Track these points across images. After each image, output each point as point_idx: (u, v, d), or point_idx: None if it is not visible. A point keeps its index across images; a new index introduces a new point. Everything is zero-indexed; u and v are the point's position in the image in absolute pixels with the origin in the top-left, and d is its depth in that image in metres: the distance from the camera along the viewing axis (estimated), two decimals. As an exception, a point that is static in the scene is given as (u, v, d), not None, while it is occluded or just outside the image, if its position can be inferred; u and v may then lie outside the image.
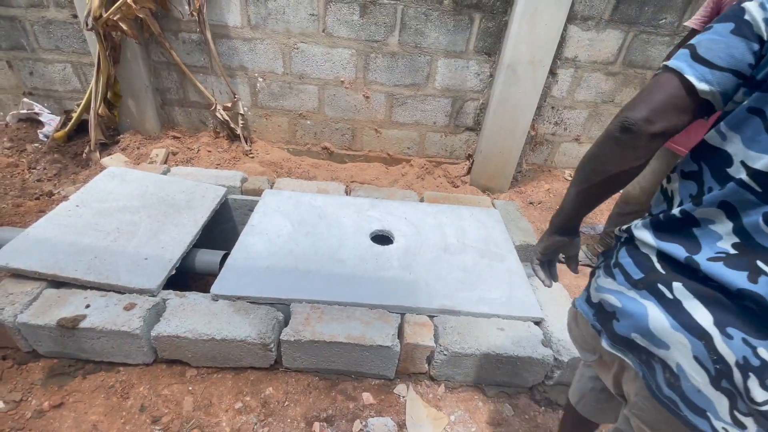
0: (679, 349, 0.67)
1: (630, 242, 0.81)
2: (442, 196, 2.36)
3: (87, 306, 1.45)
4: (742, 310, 0.64)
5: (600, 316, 0.82)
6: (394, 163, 3.18)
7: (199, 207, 1.97)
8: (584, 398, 1.12)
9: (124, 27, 2.44)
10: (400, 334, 1.52)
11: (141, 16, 2.46)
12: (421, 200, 2.35)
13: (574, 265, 1.03)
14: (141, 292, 1.53)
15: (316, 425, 1.37)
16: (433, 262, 1.82)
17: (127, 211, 1.86)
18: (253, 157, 2.94)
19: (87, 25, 2.39)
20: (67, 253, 1.59)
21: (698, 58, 0.68)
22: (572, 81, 2.87)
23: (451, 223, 2.08)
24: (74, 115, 2.81)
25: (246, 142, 2.99)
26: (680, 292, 0.69)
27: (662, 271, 0.72)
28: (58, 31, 2.73)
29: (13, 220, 2.24)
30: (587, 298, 0.88)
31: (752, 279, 0.63)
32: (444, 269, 1.78)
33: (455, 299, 1.64)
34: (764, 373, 0.61)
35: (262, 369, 1.51)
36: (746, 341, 0.62)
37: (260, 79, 2.85)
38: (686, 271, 0.70)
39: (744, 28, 0.65)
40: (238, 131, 2.96)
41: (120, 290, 1.53)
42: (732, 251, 0.66)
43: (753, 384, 0.62)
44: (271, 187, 2.28)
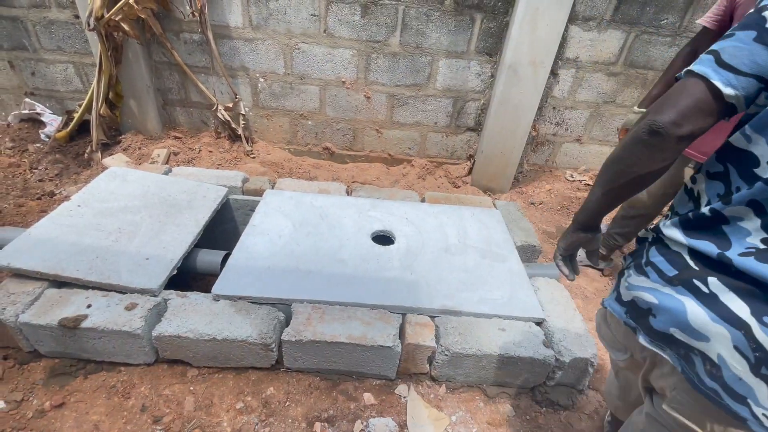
0: (720, 340, 0.70)
1: (659, 241, 0.84)
2: (443, 197, 2.36)
3: (88, 306, 1.45)
4: None
5: (633, 314, 0.85)
6: (395, 164, 3.18)
7: (201, 207, 1.97)
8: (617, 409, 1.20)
9: (126, 27, 2.45)
10: (402, 334, 1.51)
11: (143, 16, 2.46)
12: (422, 200, 2.35)
13: (595, 259, 1.09)
14: (142, 292, 1.53)
15: (317, 425, 1.37)
16: (435, 262, 1.82)
17: (129, 211, 1.87)
18: (254, 158, 2.95)
19: (89, 25, 2.40)
20: (69, 253, 1.60)
21: (723, 63, 0.71)
22: (573, 81, 2.87)
23: (453, 224, 2.08)
24: (76, 116, 2.81)
25: (247, 143, 2.99)
26: (716, 287, 0.72)
27: (696, 268, 0.76)
28: (60, 32, 2.74)
29: (15, 220, 2.25)
30: (617, 298, 0.91)
31: None
32: (445, 269, 1.78)
33: (456, 299, 1.64)
34: None
35: (263, 369, 1.51)
36: None
37: (261, 80, 2.86)
38: (719, 267, 0.73)
39: (765, 37, 0.69)
40: (240, 131, 2.96)
41: (121, 290, 1.53)
42: (761, 246, 0.70)
43: None
44: (273, 188, 2.28)
